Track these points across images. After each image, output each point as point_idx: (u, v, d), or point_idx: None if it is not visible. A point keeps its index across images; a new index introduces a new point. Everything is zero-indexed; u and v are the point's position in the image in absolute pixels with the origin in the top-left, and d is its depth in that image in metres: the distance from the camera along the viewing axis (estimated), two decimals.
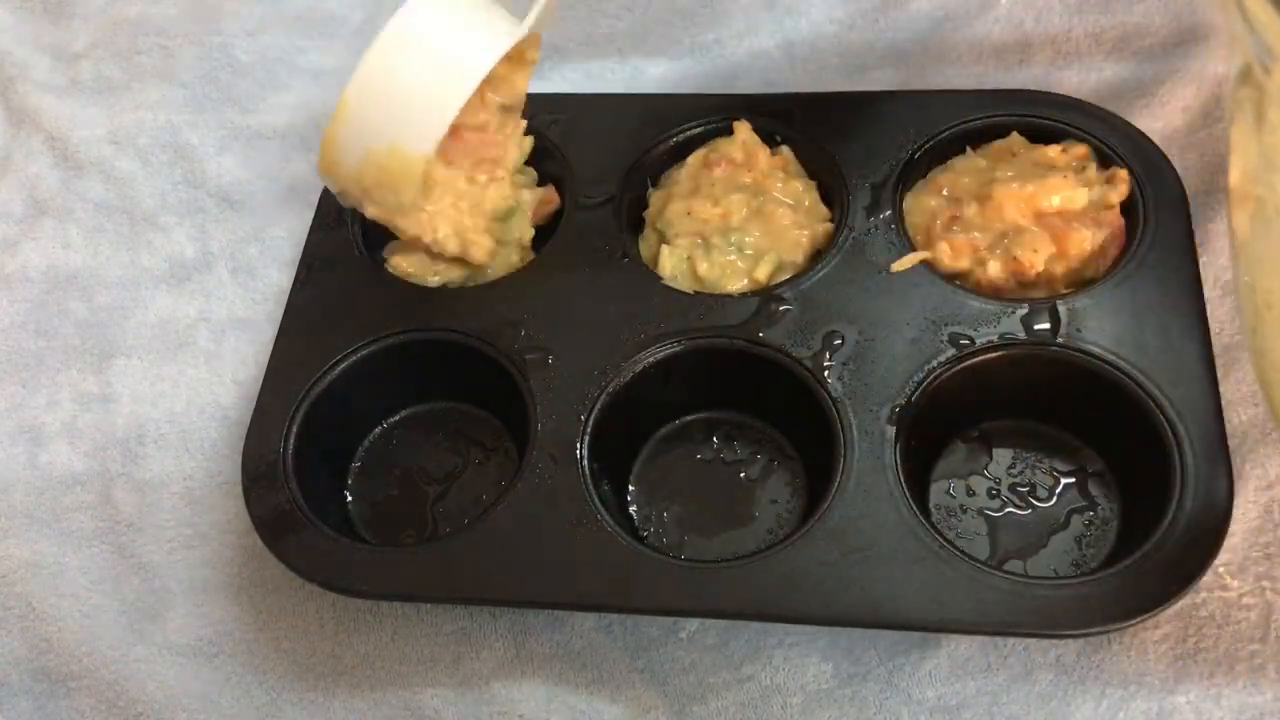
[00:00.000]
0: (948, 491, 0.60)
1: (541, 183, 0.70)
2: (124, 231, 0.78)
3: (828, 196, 0.67)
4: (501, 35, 0.58)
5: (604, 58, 0.81)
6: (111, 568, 0.65)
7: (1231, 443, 0.56)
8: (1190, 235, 0.61)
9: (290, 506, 0.60)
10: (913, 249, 0.63)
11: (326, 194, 0.72)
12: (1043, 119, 0.66)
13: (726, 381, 0.63)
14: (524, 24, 0.59)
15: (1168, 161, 0.64)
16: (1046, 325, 0.59)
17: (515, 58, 0.61)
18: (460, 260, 0.66)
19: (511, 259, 0.67)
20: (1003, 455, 0.61)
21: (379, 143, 0.56)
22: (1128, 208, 0.63)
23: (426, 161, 0.57)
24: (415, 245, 0.65)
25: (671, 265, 0.65)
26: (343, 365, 0.64)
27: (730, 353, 0.62)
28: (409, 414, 0.67)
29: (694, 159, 0.69)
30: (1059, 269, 0.61)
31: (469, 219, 0.64)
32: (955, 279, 0.62)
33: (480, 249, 0.65)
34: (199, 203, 0.79)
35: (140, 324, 0.74)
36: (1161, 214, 0.62)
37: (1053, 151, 0.65)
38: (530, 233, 0.68)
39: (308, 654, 0.62)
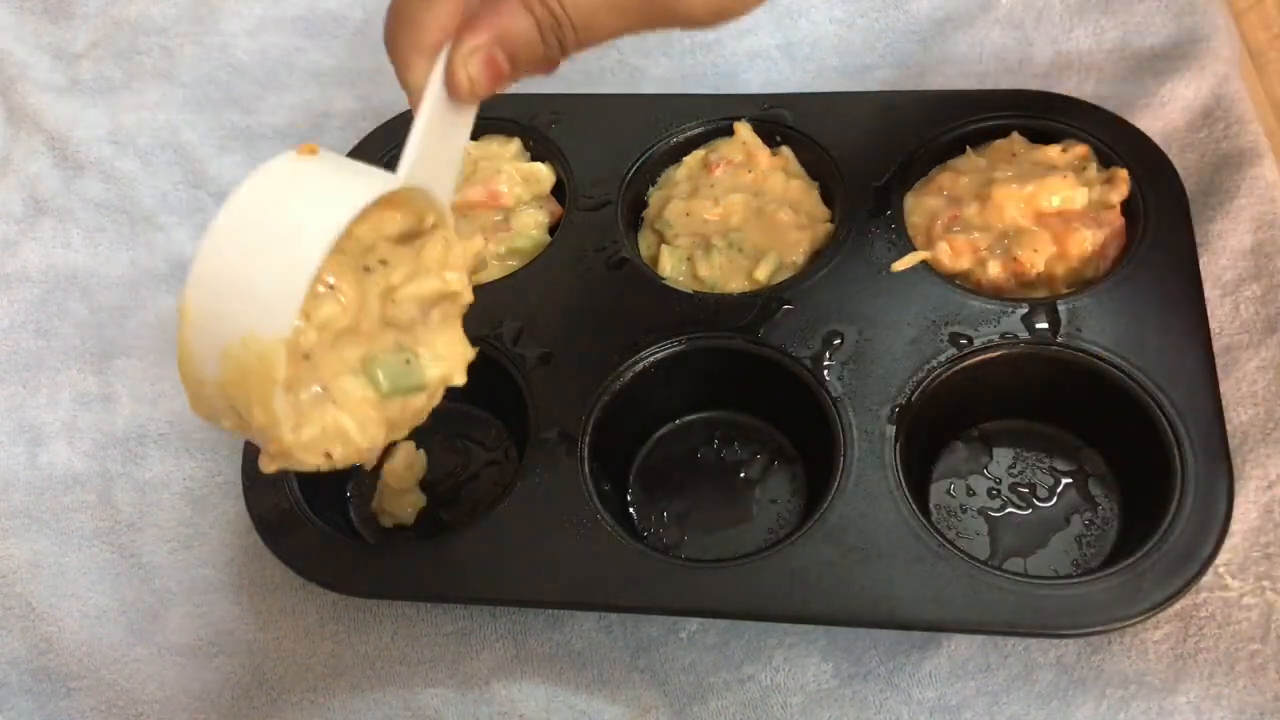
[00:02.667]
0: (948, 491, 0.60)
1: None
2: (124, 231, 0.78)
3: (828, 196, 0.67)
4: (370, 183, 0.46)
5: (604, 58, 0.81)
6: (111, 568, 0.65)
7: (1231, 443, 0.56)
8: (1190, 235, 0.61)
9: (290, 506, 0.60)
10: (913, 249, 0.63)
11: None
12: (1043, 119, 0.66)
13: (726, 381, 0.63)
14: (400, 169, 0.47)
15: (1168, 161, 0.64)
16: (1046, 325, 0.59)
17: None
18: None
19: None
20: (1003, 455, 0.61)
21: (231, 337, 0.44)
22: (1128, 208, 0.63)
23: (286, 345, 0.43)
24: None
25: (671, 265, 0.65)
26: None
27: (730, 353, 0.62)
28: None
29: (693, 159, 0.69)
30: (1059, 269, 0.61)
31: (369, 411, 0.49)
32: (955, 279, 0.62)
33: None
34: (199, 203, 0.79)
35: (140, 324, 0.74)
36: (1161, 214, 0.62)
37: (1053, 151, 0.65)
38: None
39: (308, 653, 0.62)
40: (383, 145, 0.73)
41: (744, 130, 0.68)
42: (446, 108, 0.46)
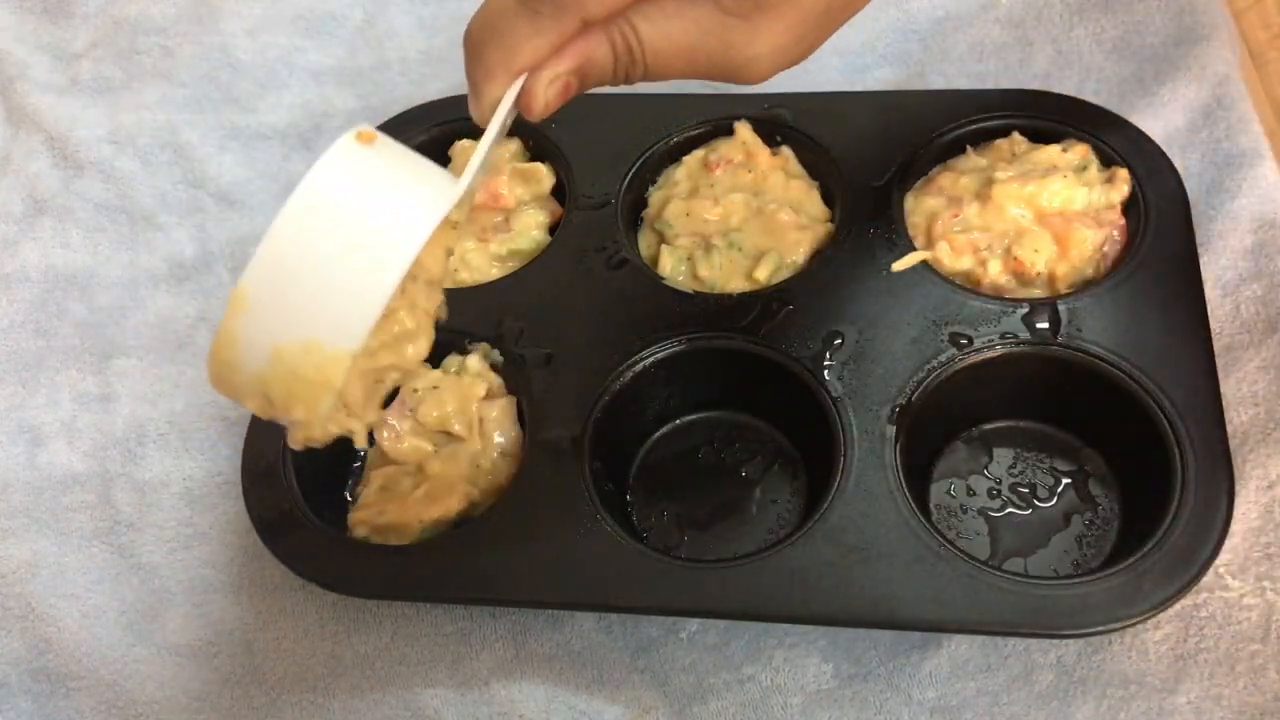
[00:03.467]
0: (948, 491, 0.60)
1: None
2: (124, 231, 0.78)
3: (828, 196, 0.67)
4: (438, 195, 0.45)
5: None
6: (111, 568, 0.65)
7: (1232, 443, 0.56)
8: (1191, 235, 0.61)
9: (290, 506, 0.60)
10: (913, 249, 0.63)
11: None
12: (1043, 119, 0.66)
13: (726, 381, 0.63)
14: (462, 179, 0.46)
15: (1168, 161, 0.64)
16: (1046, 325, 0.59)
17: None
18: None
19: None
20: (1003, 455, 0.61)
21: (290, 340, 0.42)
22: (1128, 208, 0.63)
23: (352, 361, 0.43)
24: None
25: (671, 265, 0.65)
26: None
27: (730, 353, 0.62)
28: None
29: (693, 159, 0.69)
30: (1059, 269, 0.61)
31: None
32: (955, 279, 0.62)
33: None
34: (199, 202, 0.79)
35: (140, 324, 0.74)
36: (1162, 214, 0.62)
37: (1053, 151, 0.64)
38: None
39: (308, 654, 0.62)
40: None
41: (744, 130, 0.68)
42: (507, 120, 0.46)
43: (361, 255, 0.42)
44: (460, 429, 0.61)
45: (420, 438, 0.62)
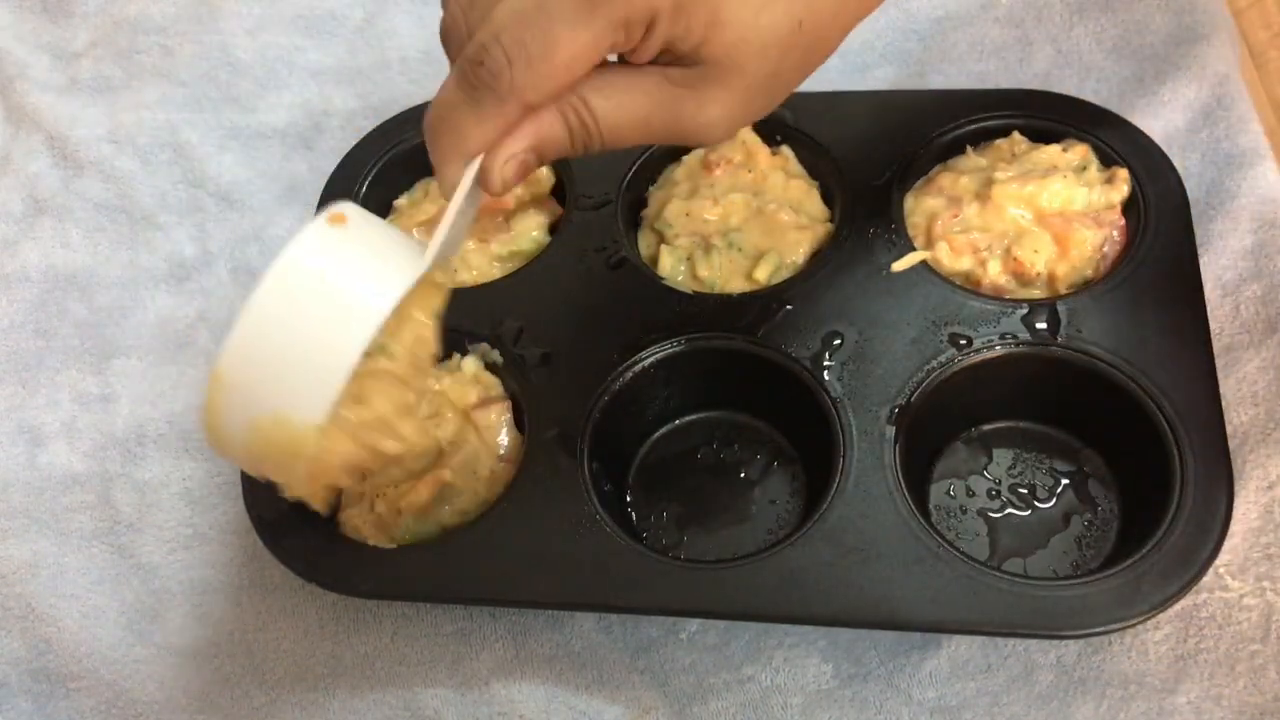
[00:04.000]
0: (948, 492, 0.60)
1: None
2: (123, 231, 0.78)
3: (828, 196, 0.67)
4: (400, 273, 0.47)
5: None
6: (111, 568, 0.65)
7: (1232, 443, 0.56)
8: (1191, 235, 0.61)
9: (289, 507, 0.59)
10: (913, 249, 0.63)
11: (327, 194, 0.72)
12: (1043, 119, 0.66)
13: (726, 381, 0.63)
14: (427, 253, 0.48)
15: (1168, 161, 0.64)
16: (1046, 325, 0.59)
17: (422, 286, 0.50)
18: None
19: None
20: (1003, 455, 0.61)
21: (263, 413, 0.47)
22: (1128, 208, 0.63)
23: (318, 432, 0.46)
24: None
25: (671, 265, 0.65)
26: None
27: (730, 353, 0.62)
28: None
29: (692, 159, 0.69)
30: (1059, 269, 0.61)
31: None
32: (955, 279, 0.62)
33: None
34: (198, 202, 0.79)
35: (140, 324, 0.74)
36: (1162, 214, 0.62)
37: (1053, 151, 0.64)
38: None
39: (307, 654, 0.62)
40: (381, 144, 0.73)
41: (744, 130, 0.68)
42: (471, 195, 0.48)
43: (324, 333, 0.46)
44: (446, 433, 0.61)
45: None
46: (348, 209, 0.48)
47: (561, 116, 0.46)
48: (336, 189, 0.72)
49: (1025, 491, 0.60)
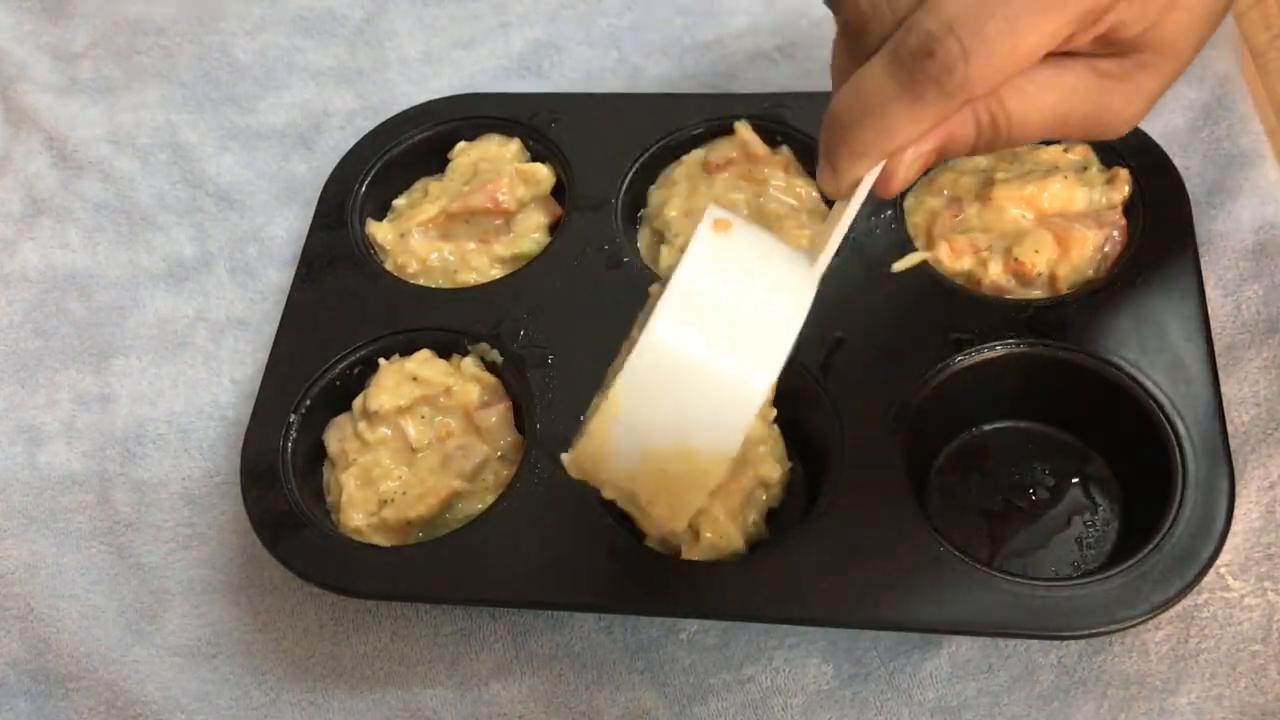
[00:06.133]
0: (948, 492, 0.60)
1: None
2: (123, 231, 0.78)
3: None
4: (801, 283, 0.45)
5: (604, 57, 0.81)
6: (110, 568, 0.65)
7: (1233, 443, 0.55)
8: (1191, 235, 0.61)
9: (289, 507, 0.59)
10: (913, 249, 0.63)
11: (326, 193, 0.72)
12: None
13: None
14: (819, 263, 0.46)
15: (1169, 161, 0.64)
16: (1047, 325, 0.59)
17: None
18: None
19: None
20: (1003, 455, 0.61)
21: (663, 445, 0.44)
22: (1129, 208, 0.63)
23: (729, 464, 0.44)
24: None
25: (671, 265, 0.65)
26: (342, 364, 0.64)
27: None
28: None
29: (693, 159, 0.69)
30: (1060, 269, 0.61)
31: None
32: (956, 279, 0.62)
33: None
34: (198, 202, 0.79)
35: (139, 324, 0.74)
36: (1163, 214, 0.62)
37: (1054, 151, 0.64)
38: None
39: (307, 654, 0.61)
40: (381, 144, 0.73)
41: (744, 130, 0.68)
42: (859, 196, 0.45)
43: (736, 360, 0.43)
44: (441, 433, 0.61)
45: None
46: (726, 214, 0.45)
47: (974, 116, 0.43)
48: (336, 189, 0.72)
49: (1026, 492, 0.60)
